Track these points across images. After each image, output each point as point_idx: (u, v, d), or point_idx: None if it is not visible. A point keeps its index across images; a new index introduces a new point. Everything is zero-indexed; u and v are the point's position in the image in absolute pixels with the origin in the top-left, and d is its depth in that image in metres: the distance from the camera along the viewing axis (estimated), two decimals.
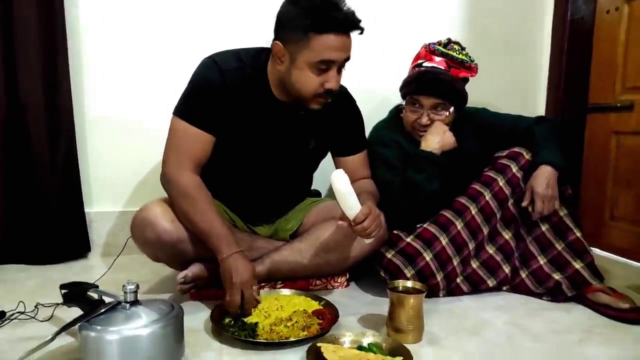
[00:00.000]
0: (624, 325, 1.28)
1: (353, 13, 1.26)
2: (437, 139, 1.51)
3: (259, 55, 1.38)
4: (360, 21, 1.27)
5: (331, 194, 1.97)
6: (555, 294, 1.45)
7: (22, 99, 1.72)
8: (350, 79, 1.59)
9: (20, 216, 1.77)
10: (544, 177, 1.44)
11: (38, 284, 1.58)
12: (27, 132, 1.73)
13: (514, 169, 1.51)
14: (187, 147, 1.34)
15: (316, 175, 1.66)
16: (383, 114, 1.74)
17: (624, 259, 1.91)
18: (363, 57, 1.97)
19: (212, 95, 1.32)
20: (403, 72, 1.63)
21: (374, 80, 2.01)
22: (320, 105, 1.34)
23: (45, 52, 1.72)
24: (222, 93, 1.33)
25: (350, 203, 1.25)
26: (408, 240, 1.46)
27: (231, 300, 1.21)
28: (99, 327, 0.96)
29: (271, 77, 1.36)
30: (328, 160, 1.60)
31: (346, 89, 1.54)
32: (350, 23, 1.25)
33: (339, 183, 1.24)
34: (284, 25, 1.28)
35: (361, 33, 1.29)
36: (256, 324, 1.19)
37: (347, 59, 1.30)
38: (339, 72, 1.32)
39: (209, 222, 1.28)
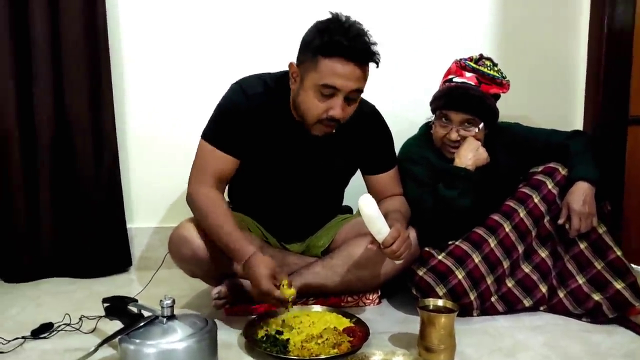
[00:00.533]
0: None
1: (365, 43, 1.24)
2: (470, 154, 1.50)
3: (283, 79, 1.40)
4: (373, 54, 1.26)
5: None
6: (595, 315, 1.40)
7: (68, 117, 1.82)
8: (381, 95, 1.61)
9: (67, 231, 1.86)
10: (581, 194, 1.41)
11: (83, 297, 1.66)
12: (74, 149, 1.83)
13: (550, 185, 1.48)
14: (209, 167, 1.39)
15: (348, 191, 1.68)
16: (413, 132, 1.74)
17: None
18: (394, 72, 1.99)
19: (237, 119, 1.37)
20: (434, 87, 1.63)
21: (404, 96, 2.02)
22: (323, 133, 1.34)
23: (90, 74, 1.81)
24: (247, 117, 1.37)
25: (378, 227, 1.27)
26: (439, 257, 1.45)
27: (262, 293, 1.23)
28: (137, 341, 1.01)
29: (291, 96, 1.38)
30: (359, 176, 1.61)
31: (374, 107, 1.55)
32: (359, 52, 1.24)
33: (367, 208, 1.26)
34: (301, 46, 1.32)
35: (377, 66, 1.29)
36: (287, 340, 1.21)
37: (357, 90, 1.29)
38: (349, 102, 1.30)
39: (222, 235, 1.32)
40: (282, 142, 1.42)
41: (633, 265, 1.46)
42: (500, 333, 1.34)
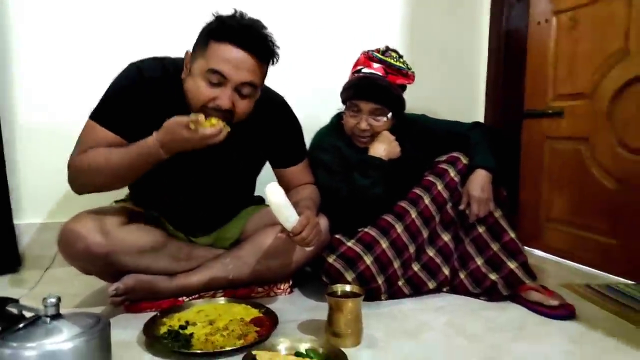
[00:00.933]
0: (555, 322, 1.33)
1: (259, 34, 1.21)
2: (384, 146, 1.54)
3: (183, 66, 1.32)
4: (267, 47, 1.23)
5: None
6: (491, 294, 1.49)
7: None
8: (293, 85, 1.59)
9: None
10: (479, 181, 1.49)
11: None
12: None
13: (452, 173, 1.55)
14: (91, 142, 1.28)
15: (260, 180, 1.64)
16: (325, 121, 1.75)
17: (559, 259, 1.99)
18: (306, 63, 1.99)
19: (129, 101, 1.28)
20: (344, 78, 1.65)
21: (315, 85, 2.02)
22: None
23: None
24: (140, 99, 1.28)
25: (287, 215, 1.25)
26: (349, 244, 1.46)
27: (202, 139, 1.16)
28: (15, 344, 0.90)
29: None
30: (268, 167, 1.58)
31: (283, 98, 1.51)
32: (250, 39, 1.19)
33: (273, 197, 1.24)
34: (198, 36, 1.26)
35: (272, 62, 1.26)
36: (191, 334, 1.15)
37: (249, 84, 1.23)
38: (243, 97, 1.24)
39: (123, 153, 1.22)
40: None
41: (526, 248, 1.58)
42: (406, 315, 1.38)
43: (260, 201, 1.75)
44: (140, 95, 1.28)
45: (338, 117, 1.71)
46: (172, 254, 1.41)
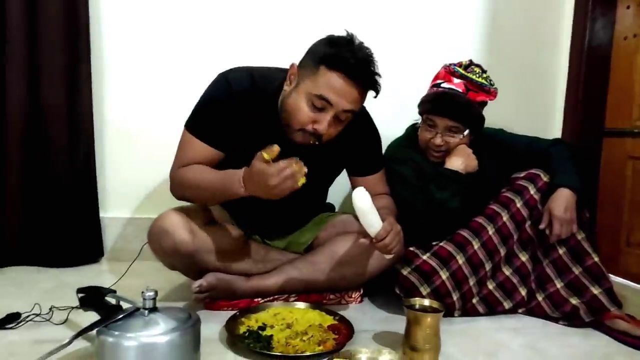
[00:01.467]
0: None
1: (371, 68, 1.23)
2: (461, 160, 1.52)
3: (273, 78, 1.35)
4: (375, 82, 1.25)
5: (345, 207, 1.99)
6: (572, 319, 1.43)
7: (43, 101, 1.74)
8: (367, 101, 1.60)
9: (36, 218, 1.78)
10: (563, 200, 1.44)
11: (52, 287, 1.58)
12: (47, 135, 1.76)
13: (532, 190, 1.51)
14: (191, 156, 1.35)
15: (331, 188, 1.66)
16: (397, 132, 1.75)
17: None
18: (385, 74, 1.99)
19: (220, 112, 1.33)
20: (421, 91, 1.64)
21: (392, 98, 2.02)
22: (301, 141, 1.29)
23: (68, 58, 1.75)
24: (229, 111, 1.33)
25: (372, 221, 1.25)
26: (424, 257, 1.45)
27: (278, 168, 1.13)
28: (116, 333, 0.96)
29: (281, 97, 1.33)
30: (342, 173, 1.59)
31: (365, 108, 1.49)
32: (362, 74, 1.22)
33: (361, 202, 1.24)
34: (307, 52, 1.29)
35: (375, 96, 1.28)
36: (271, 336, 1.18)
37: (350, 111, 1.26)
38: (337, 122, 1.27)
39: (211, 177, 1.28)
40: (265, 141, 1.35)
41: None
42: (481, 334, 1.35)
43: (332, 208, 1.77)
44: (231, 108, 1.33)
45: (413, 129, 1.71)
46: (249, 255, 1.44)
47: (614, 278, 1.95)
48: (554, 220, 1.44)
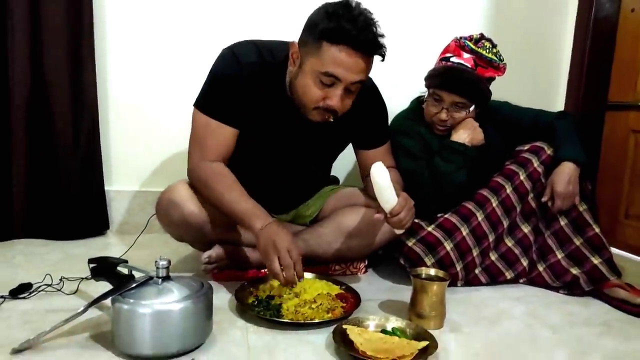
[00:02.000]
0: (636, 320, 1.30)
1: (373, 34, 1.18)
2: (467, 133, 1.52)
3: (279, 49, 1.33)
4: (380, 46, 1.21)
5: (350, 180, 2.00)
6: (572, 288, 1.46)
7: (46, 76, 1.72)
8: (375, 72, 1.59)
9: (41, 192, 1.78)
10: (566, 174, 1.45)
11: (60, 259, 1.60)
12: (51, 108, 1.74)
13: (535, 163, 1.52)
14: (210, 142, 1.33)
15: (335, 162, 1.67)
16: (405, 104, 1.74)
17: (638, 257, 1.92)
18: (391, 47, 1.98)
19: (230, 88, 1.31)
20: (428, 63, 1.63)
21: (398, 69, 2.01)
22: (319, 119, 1.29)
23: (71, 30, 1.72)
24: (240, 86, 1.31)
25: (389, 196, 1.25)
26: (429, 229, 1.47)
27: (284, 263, 1.14)
28: (132, 301, 0.98)
29: (288, 76, 1.32)
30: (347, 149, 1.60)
31: (372, 81, 1.49)
32: (366, 43, 1.18)
33: (379, 177, 1.24)
34: (305, 27, 1.25)
35: (382, 59, 1.24)
36: (280, 304, 1.20)
37: (359, 82, 1.24)
38: (348, 94, 1.25)
39: (237, 201, 1.26)
40: (275, 115, 1.37)
41: None
42: (484, 302, 1.39)
43: (337, 181, 1.78)
44: (240, 81, 1.30)
45: (418, 101, 1.70)
46: None
47: (612, 250, 1.99)
48: (555, 195, 1.46)
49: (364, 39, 1.17)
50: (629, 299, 1.35)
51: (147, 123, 1.91)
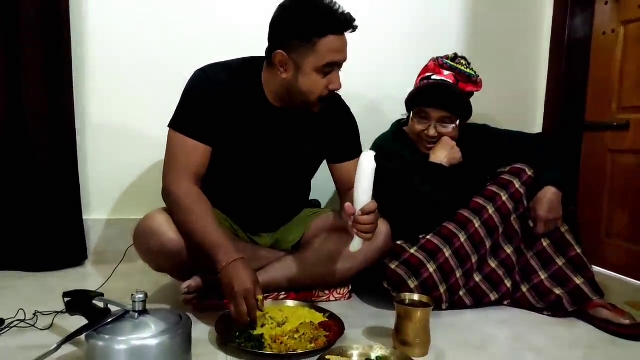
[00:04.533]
0: (626, 342, 1.29)
1: (349, 13, 1.29)
2: (445, 153, 1.54)
3: (248, 64, 1.39)
4: (354, 19, 1.30)
5: (331, 205, 1.99)
6: (556, 309, 1.46)
7: (24, 101, 1.69)
8: (353, 92, 1.60)
9: (17, 221, 1.73)
10: (548, 199, 1.46)
11: (35, 292, 1.55)
12: (27, 135, 1.71)
13: (517, 184, 1.52)
14: (185, 160, 1.33)
15: (315, 185, 1.66)
16: (385, 127, 1.75)
17: (621, 276, 1.94)
18: (365, 71, 2.00)
19: (203, 104, 1.33)
20: (407, 86, 1.65)
21: (376, 92, 2.03)
22: (322, 106, 1.38)
23: (49, 55, 1.70)
24: (215, 103, 1.33)
25: (366, 187, 1.20)
26: (412, 251, 1.46)
27: (237, 310, 1.16)
28: (107, 337, 0.95)
29: (267, 85, 1.37)
30: (325, 170, 1.58)
31: (340, 96, 1.52)
32: (347, 23, 1.28)
33: (366, 163, 1.19)
34: (285, 34, 1.28)
35: (353, 31, 1.32)
36: (262, 335, 1.17)
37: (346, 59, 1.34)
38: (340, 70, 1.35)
39: (205, 232, 1.25)
40: (254, 127, 1.39)
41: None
42: (469, 327, 1.37)
43: (318, 205, 1.77)
44: (214, 97, 1.33)
45: (399, 124, 1.72)
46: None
47: (595, 268, 2.00)
48: (538, 220, 1.47)
49: (344, 20, 1.27)
50: (613, 319, 1.35)
51: (126, 150, 1.89)
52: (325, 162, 1.57)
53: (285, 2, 1.30)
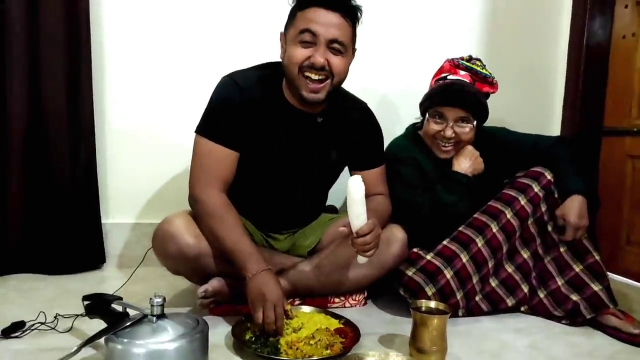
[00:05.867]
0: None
1: None
2: (469, 162, 1.53)
3: (272, 69, 1.40)
4: (350, 7, 1.29)
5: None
6: (574, 317, 1.43)
7: (44, 107, 1.73)
8: (369, 94, 1.60)
9: (38, 225, 1.76)
10: (576, 208, 1.44)
11: (55, 294, 1.57)
12: (48, 140, 1.74)
13: (536, 188, 1.50)
14: (214, 167, 1.35)
15: (332, 191, 1.66)
16: (399, 132, 1.75)
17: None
18: (380, 72, 2.00)
19: (232, 113, 1.35)
20: (423, 89, 1.64)
21: (391, 96, 2.03)
22: (309, 90, 1.31)
23: (69, 63, 1.74)
24: (242, 110, 1.35)
25: (358, 212, 1.22)
26: (428, 257, 1.46)
27: (267, 317, 1.17)
28: (125, 340, 0.96)
29: (285, 87, 1.39)
30: (343, 176, 1.58)
31: (366, 104, 1.55)
32: (333, 1, 1.27)
33: (354, 190, 1.21)
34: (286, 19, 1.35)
35: (358, 21, 1.32)
36: (278, 340, 1.18)
37: (337, 41, 1.29)
38: (334, 52, 1.30)
39: (237, 240, 1.28)
40: (278, 131, 1.40)
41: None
42: (485, 335, 1.36)
43: (335, 210, 1.77)
44: (242, 105, 1.34)
45: (414, 128, 1.71)
46: None
47: (614, 276, 1.97)
48: (568, 227, 1.44)
49: None
50: (622, 328, 1.34)
51: (145, 154, 1.92)
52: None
53: None
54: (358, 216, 1.23)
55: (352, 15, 1.32)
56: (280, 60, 1.38)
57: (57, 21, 1.70)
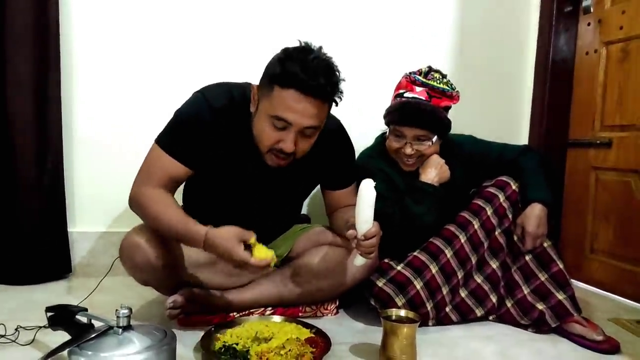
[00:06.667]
0: (607, 357, 1.31)
1: (325, 79, 1.18)
2: (435, 172, 1.54)
3: (247, 92, 1.33)
4: (332, 92, 1.22)
5: (321, 220, 1.98)
6: (539, 325, 1.46)
7: (9, 113, 1.68)
8: (343, 106, 1.61)
9: (1, 233, 1.71)
10: (536, 216, 1.47)
11: (17, 305, 1.52)
12: (13, 146, 1.70)
13: (501, 198, 1.54)
14: (158, 172, 1.31)
15: (306, 201, 1.67)
16: (369, 141, 1.77)
17: (603, 292, 1.96)
18: (354, 83, 2.01)
19: (198, 131, 1.30)
20: (387, 99, 1.66)
21: (361, 103, 2.05)
22: (275, 164, 1.29)
23: (36, 68, 1.70)
24: (208, 130, 1.31)
25: (367, 216, 1.24)
26: (398, 268, 1.47)
27: (240, 263, 1.18)
28: (90, 353, 0.94)
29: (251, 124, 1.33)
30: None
31: (339, 122, 1.51)
32: (314, 88, 1.17)
33: (366, 194, 1.23)
34: (264, 70, 1.27)
35: (336, 105, 1.27)
36: (247, 351, 1.17)
37: (312, 127, 1.24)
38: (305, 137, 1.26)
39: (169, 226, 1.25)
40: (242, 158, 1.36)
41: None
42: (455, 343, 1.38)
43: (308, 220, 1.77)
44: (209, 126, 1.30)
45: (382, 138, 1.72)
46: (225, 269, 1.43)
47: (579, 284, 2.03)
48: (527, 236, 1.48)
49: (314, 83, 1.17)
50: (587, 335, 1.37)
51: (113, 162, 1.88)
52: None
53: (287, 47, 1.24)
54: (367, 220, 1.25)
55: (332, 99, 1.26)
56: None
57: (25, 24, 1.67)
